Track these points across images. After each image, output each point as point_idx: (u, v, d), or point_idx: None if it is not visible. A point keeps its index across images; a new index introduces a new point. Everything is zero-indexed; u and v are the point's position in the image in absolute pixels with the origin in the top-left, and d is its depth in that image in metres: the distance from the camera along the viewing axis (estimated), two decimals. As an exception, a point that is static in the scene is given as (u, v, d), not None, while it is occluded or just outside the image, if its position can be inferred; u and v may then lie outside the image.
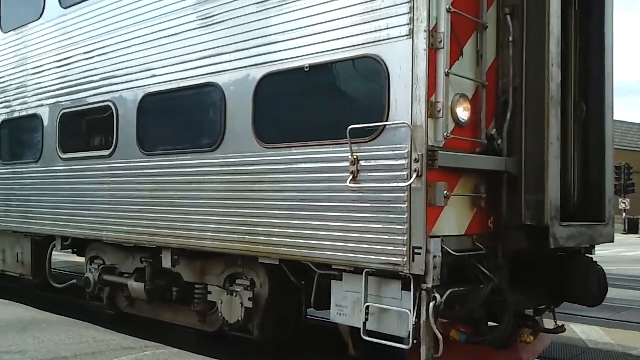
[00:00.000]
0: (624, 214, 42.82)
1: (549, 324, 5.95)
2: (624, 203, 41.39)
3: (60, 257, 11.18)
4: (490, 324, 5.17)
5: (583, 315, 8.69)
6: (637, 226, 43.32)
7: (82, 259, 8.70)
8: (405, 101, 4.85)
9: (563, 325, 5.89)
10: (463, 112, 5.02)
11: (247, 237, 5.95)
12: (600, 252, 6.27)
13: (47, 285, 9.25)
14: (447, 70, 4.79)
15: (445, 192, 4.79)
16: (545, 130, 5.10)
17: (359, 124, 5.01)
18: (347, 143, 5.06)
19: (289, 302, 6.38)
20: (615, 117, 6.32)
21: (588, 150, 5.97)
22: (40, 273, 9.20)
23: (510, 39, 5.30)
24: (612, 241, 5.96)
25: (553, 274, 5.69)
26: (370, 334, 5.13)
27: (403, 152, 4.82)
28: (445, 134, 4.82)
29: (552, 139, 5.12)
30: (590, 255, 5.97)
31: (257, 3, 6.01)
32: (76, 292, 8.87)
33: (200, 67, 6.54)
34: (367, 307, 5.12)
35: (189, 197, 6.56)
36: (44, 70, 8.81)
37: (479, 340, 5.08)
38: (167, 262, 6.96)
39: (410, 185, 4.75)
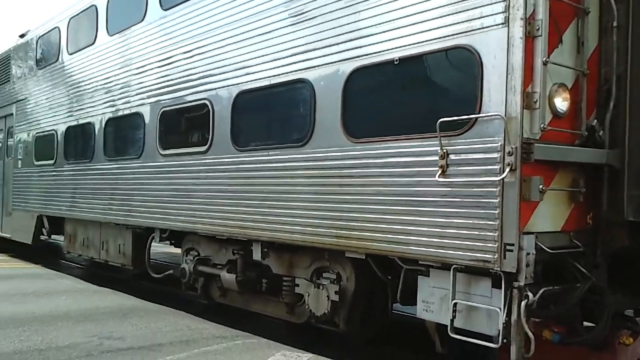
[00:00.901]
0: None
1: None
2: None
3: (159, 248, 11.71)
4: (587, 324, 4.90)
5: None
6: None
7: (178, 250, 9.08)
8: (499, 92, 4.70)
9: None
10: (562, 102, 4.80)
11: (334, 230, 5.98)
12: None
13: (146, 275, 9.74)
14: (544, 59, 4.60)
15: (541, 186, 4.61)
16: (652, 121, 4.79)
17: (449, 116, 4.91)
18: (437, 136, 4.97)
19: (375, 296, 6.37)
20: None
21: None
22: (140, 263, 9.69)
23: (614, 24, 5.03)
24: None
25: None
26: (458, 331, 5.01)
27: (496, 144, 4.67)
28: (542, 125, 4.62)
29: (659, 130, 4.80)
30: None
31: (346, -1, 6.03)
32: (173, 281, 9.26)
33: (291, 63, 6.64)
34: (455, 304, 5.00)
35: (279, 192, 6.68)
36: (146, 70, 9.25)
37: (574, 342, 4.83)
38: (257, 255, 7.14)
39: (503, 179, 4.59)
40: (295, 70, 6.59)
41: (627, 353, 5.43)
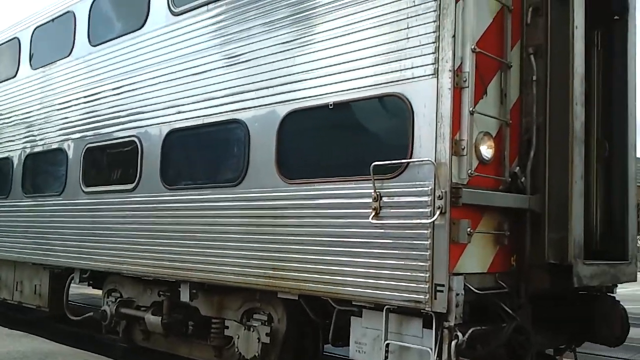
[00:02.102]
0: None
1: None
2: None
3: (77, 289, 11.18)
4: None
5: (604, 355, 8.51)
6: None
7: (98, 292, 8.71)
8: (429, 139, 4.91)
9: None
10: (487, 150, 5.07)
11: (267, 271, 5.96)
12: (621, 290, 6.22)
13: (64, 317, 9.26)
14: (471, 109, 4.86)
15: (469, 229, 4.79)
16: (569, 168, 5.14)
17: (382, 160, 5.07)
18: (370, 179, 5.11)
19: (307, 337, 6.34)
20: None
21: (611, 189, 6.01)
22: (58, 305, 9.22)
23: (534, 77, 5.39)
24: (635, 280, 5.94)
25: (575, 313, 5.63)
26: (390, 372, 5.07)
27: (426, 188, 4.85)
28: (469, 171, 4.85)
29: (575, 177, 5.15)
30: (612, 294, 5.92)
31: (282, 43, 6.17)
32: (93, 324, 8.84)
33: (225, 104, 6.67)
34: (387, 345, 5.07)
35: (210, 231, 6.60)
36: (70, 106, 9.00)
37: (501, 380, 5.01)
38: (185, 296, 6.96)
39: (434, 222, 4.76)
40: (230, 111, 6.62)
41: (550, 389, 5.70)
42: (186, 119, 7.12)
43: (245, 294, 6.49)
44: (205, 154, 7.13)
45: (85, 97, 8.76)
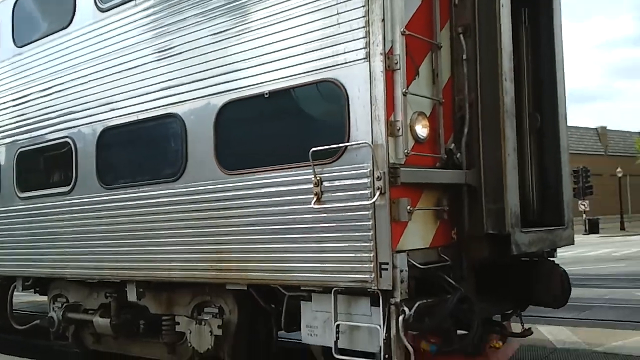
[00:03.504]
0: (584, 215, 43.62)
1: (516, 327, 6.11)
2: (584, 205, 42.22)
3: (24, 297, 10.85)
4: (460, 332, 5.28)
5: (550, 317, 8.90)
6: (597, 226, 44.21)
7: (45, 298, 8.49)
8: (365, 122, 4.98)
9: (530, 328, 6.07)
10: (422, 129, 5.18)
11: (214, 264, 5.95)
12: (563, 254, 6.49)
13: (10, 328, 8.98)
14: (404, 90, 4.95)
15: (409, 207, 4.92)
16: (502, 142, 5.31)
17: (321, 146, 5.12)
18: (310, 165, 5.16)
19: (259, 326, 6.38)
20: (574, 124, 6.68)
21: (544, 158, 6.22)
22: (1, 315, 8.93)
23: (464, 56, 5.52)
24: (573, 243, 6.20)
25: (517, 279, 5.86)
26: (343, 352, 5.16)
27: (365, 170, 4.94)
28: (406, 151, 4.95)
29: (508, 150, 5.33)
30: (552, 259, 6.17)
31: (214, 34, 6.12)
32: (41, 332, 8.62)
33: (160, 98, 6.58)
34: (338, 326, 5.16)
35: (153, 228, 6.52)
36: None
37: (449, 350, 5.17)
38: (132, 296, 6.87)
39: (374, 202, 4.86)
40: (164, 105, 6.54)
41: (498, 356, 5.93)
42: (120, 115, 7.00)
43: (194, 288, 6.46)
44: (142, 150, 7.03)
45: (14, 99, 8.48)
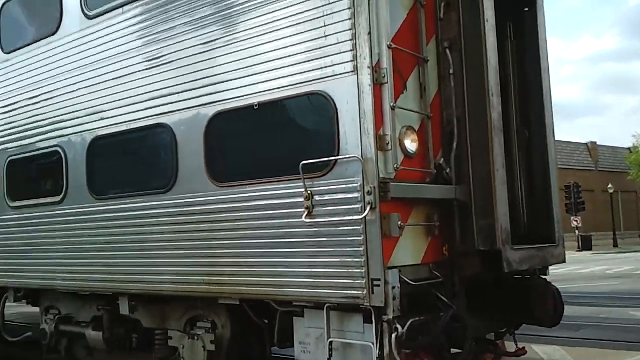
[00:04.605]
0: (577, 232, 43.42)
1: (510, 346, 6.05)
2: (576, 221, 41.87)
3: (16, 308, 10.78)
4: (454, 350, 5.22)
5: (543, 335, 8.78)
6: (590, 243, 44.15)
7: (37, 309, 8.43)
8: (354, 135, 4.91)
9: (524, 347, 6.01)
10: (411, 144, 5.12)
11: (206, 277, 5.88)
12: (556, 271, 6.42)
13: (1, 339, 8.91)
14: (392, 104, 4.89)
15: (399, 222, 4.85)
16: (490, 157, 5.25)
17: (310, 159, 5.05)
18: (300, 178, 5.08)
19: (252, 341, 6.32)
20: (563, 138, 6.62)
21: (533, 174, 6.17)
22: (-7, 327, 8.87)
23: (451, 71, 5.46)
24: (564, 261, 6.10)
25: (509, 297, 5.81)
26: (335, 369, 5.11)
27: (355, 185, 4.87)
28: (395, 165, 4.90)
29: (497, 165, 5.27)
30: (544, 276, 6.11)
31: (203, 43, 6.03)
32: (32, 344, 8.56)
33: (149, 107, 6.49)
34: (330, 343, 5.10)
35: (143, 240, 6.46)
36: (-13, 117, 8.59)
37: (443, 368, 5.12)
38: (124, 309, 6.81)
39: (365, 217, 4.79)
40: (154, 115, 6.45)
41: (492, 374, 5.87)
42: (110, 125, 6.91)
43: (187, 302, 6.40)
44: (132, 160, 6.96)
45: (3, 107, 8.36)
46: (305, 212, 5.11)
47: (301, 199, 5.15)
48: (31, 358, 8.92)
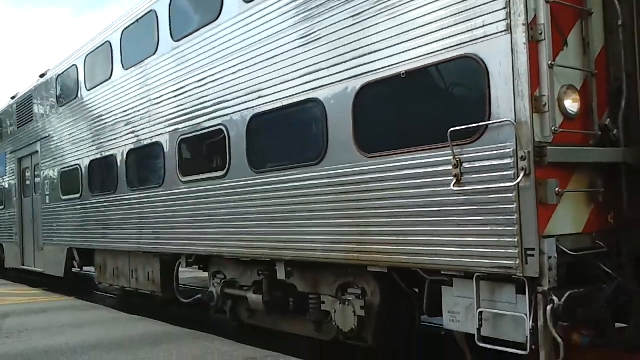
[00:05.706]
0: None
1: None
2: None
3: (189, 273, 11.82)
4: (619, 325, 4.83)
5: None
6: None
7: (206, 274, 9.18)
8: (507, 98, 4.71)
9: None
10: (572, 104, 4.79)
11: (355, 246, 6.01)
12: None
13: (176, 301, 9.85)
14: (550, 62, 4.60)
15: (557, 188, 4.59)
16: (666, 114, 4.75)
17: (460, 125, 4.92)
18: (448, 146, 4.98)
19: (402, 309, 6.34)
20: None
21: None
22: (169, 289, 9.80)
23: (619, 22, 5.01)
24: None
25: None
26: (486, 340, 4.98)
27: (508, 150, 4.67)
28: (553, 128, 4.61)
29: (674, 122, 4.75)
30: None
31: (353, 16, 6.09)
32: (202, 306, 9.35)
33: (302, 84, 6.72)
34: (481, 313, 4.98)
35: (297, 210, 6.73)
36: (162, 101, 9.42)
37: (604, 344, 4.76)
38: (281, 274, 7.18)
39: (518, 184, 4.59)
40: (306, 90, 6.67)
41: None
42: (266, 102, 7.26)
43: (338, 269, 6.58)
44: (286, 135, 7.26)
45: (174, 90, 9.12)
46: (454, 180, 5.01)
47: (449, 167, 5.05)
48: (201, 317, 9.74)
